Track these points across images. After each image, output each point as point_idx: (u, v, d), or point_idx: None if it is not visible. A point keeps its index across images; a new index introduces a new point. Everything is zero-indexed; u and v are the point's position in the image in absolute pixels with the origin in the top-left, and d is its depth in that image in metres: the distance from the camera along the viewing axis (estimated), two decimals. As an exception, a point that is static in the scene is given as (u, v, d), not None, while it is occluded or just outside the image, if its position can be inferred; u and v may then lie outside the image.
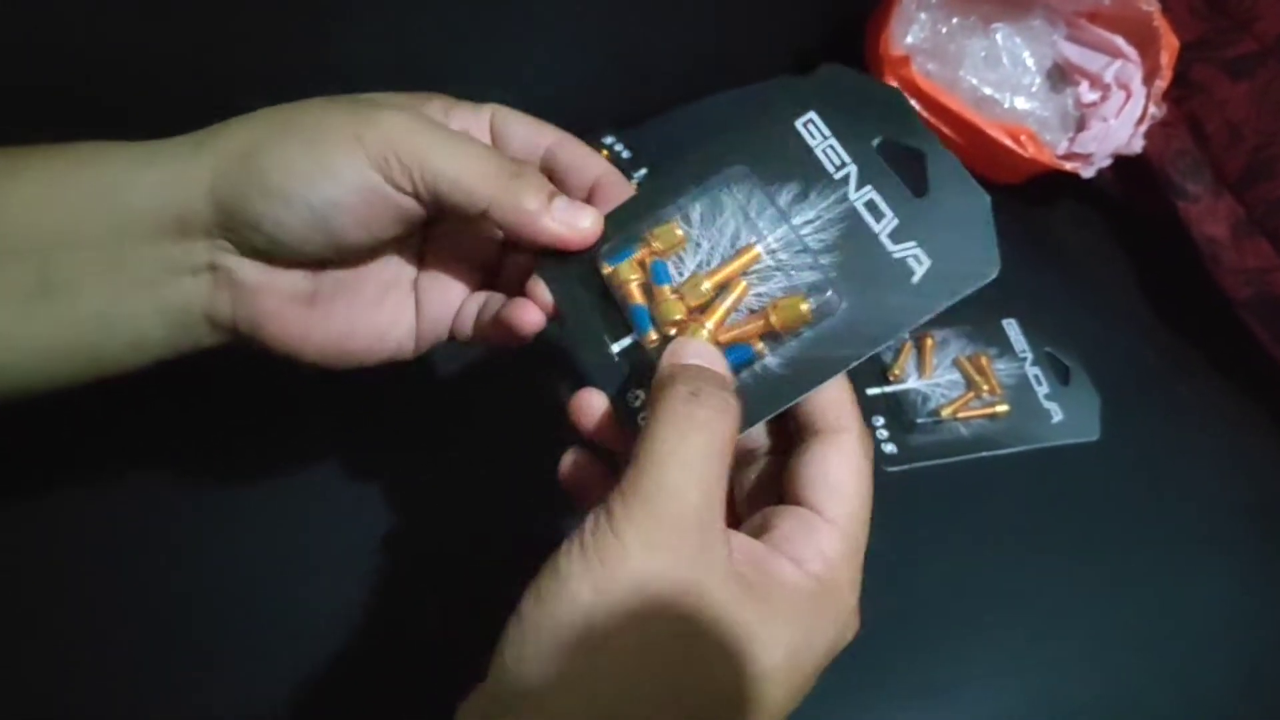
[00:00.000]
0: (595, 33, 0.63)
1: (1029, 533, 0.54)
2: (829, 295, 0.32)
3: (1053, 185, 0.66)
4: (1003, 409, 0.58)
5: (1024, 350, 0.61)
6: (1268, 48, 0.63)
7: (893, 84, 0.59)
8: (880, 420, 0.57)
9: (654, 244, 0.34)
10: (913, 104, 0.32)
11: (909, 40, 0.67)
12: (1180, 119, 0.67)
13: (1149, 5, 0.64)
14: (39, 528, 0.47)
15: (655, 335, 0.33)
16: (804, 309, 0.32)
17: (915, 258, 0.31)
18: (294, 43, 0.52)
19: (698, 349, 0.31)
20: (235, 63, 0.50)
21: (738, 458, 0.34)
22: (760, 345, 0.33)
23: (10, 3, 0.44)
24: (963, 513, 0.54)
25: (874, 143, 0.33)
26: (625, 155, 0.65)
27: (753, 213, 0.34)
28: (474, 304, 0.38)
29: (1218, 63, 0.65)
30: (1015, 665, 0.50)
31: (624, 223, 0.35)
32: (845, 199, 0.32)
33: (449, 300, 0.38)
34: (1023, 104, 0.67)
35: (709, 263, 0.34)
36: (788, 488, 0.32)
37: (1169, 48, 0.65)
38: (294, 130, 0.33)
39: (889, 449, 0.56)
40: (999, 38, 0.69)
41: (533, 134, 0.37)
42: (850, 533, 0.30)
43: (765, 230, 0.33)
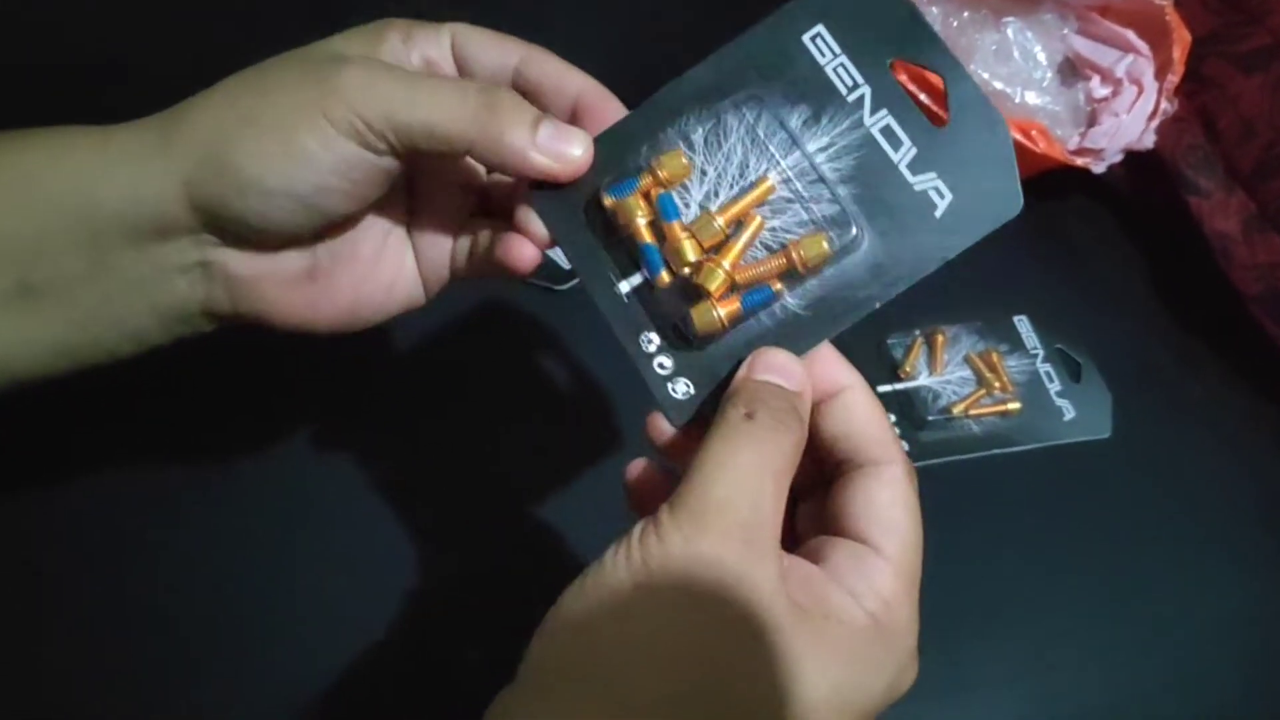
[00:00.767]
0: (599, 32, 0.62)
1: (1039, 531, 0.54)
2: (852, 232, 0.30)
3: (1064, 181, 0.65)
4: (1014, 406, 0.57)
5: (1035, 347, 0.61)
6: (1281, 42, 0.63)
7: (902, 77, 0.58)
8: (891, 418, 0.56)
9: (660, 173, 0.31)
10: (929, 22, 0.31)
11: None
12: (1192, 114, 0.66)
13: (1161, -1, 0.64)
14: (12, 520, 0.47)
15: (667, 276, 0.31)
16: (826, 247, 0.30)
17: (937, 190, 0.30)
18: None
19: (776, 363, 0.30)
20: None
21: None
22: (779, 285, 0.31)
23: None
24: (974, 510, 0.54)
25: (887, 62, 0.30)
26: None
27: (761, 137, 0.31)
28: (467, 239, 0.36)
29: (1230, 57, 0.65)
30: (1025, 664, 0.50)
31: (619, 147, 0.32)
32: (860, 124, 0.30)
33: (444, 239, 0.37)
34: (1034, 99, 0.67)
35: (716, 193, 0.31)
36: (836, 522, 0.31)
37: (1181, 42, 0.64)
38: (258, 118, 0.31)
39: (900, 447, 0.55)
40: (1010, 32, 0.68)
41: (499, 52, 0.34)
42: (905, 570, 0.29)
43: (777, 158, 0.31)
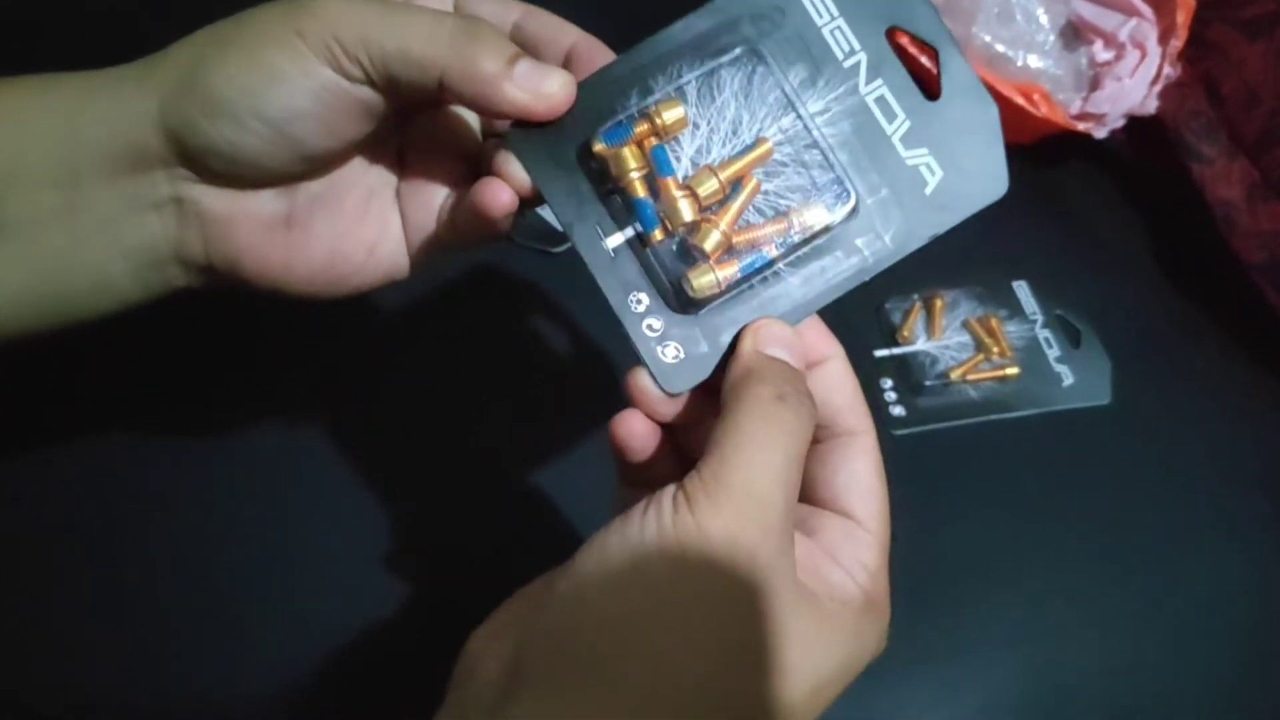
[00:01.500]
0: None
1: (1037, 496, 0.54)
2: (850, 200, 0.30)
3: (1065, 146, 0.65)
4: (1013, 371, 0.57)
5: (1034, 312, 0.60)
6: (1287, 7, 0.62)
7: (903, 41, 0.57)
8: (888, 383, 0.56)
9: (658, 120, 0.30)
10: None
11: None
12: (1196, 79, 0.65)
13: (1166, -38, 0.63)
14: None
15: (660, 234, 0.30)
16: (826, 215, 0.30)
17: (928, 167, 0.30)
18: None
19: (779, 335, 0.30)
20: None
21: None
22: (774, 251, 0.30)
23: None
24: (971, 476, 0.54)
25: (884, 29, 0.30)
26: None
27: (755, 95, 0.30)
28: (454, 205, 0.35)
29: (1235, 23, 0.64)
30: (1020, 630, 0.49)
31: (603, 93, 0.31)
32: (856, 91, 0.30)
33: (432, 203, 0.35)
34: (1036, 62, 0.66)
35: (707, 148, 0.30)
36: (816, 492, 0.31)
37: (1185, 6, 0.63)
38: (232, 41, 0.30)
39: (897, 412, 0.55)
40: (1012, -6, 0.67)
41: (500, 8, 0.34)
42: (883, 541, 0.30)
43: (773, 118, 0.30)
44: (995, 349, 0.57)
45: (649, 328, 0.30)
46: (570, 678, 0.25)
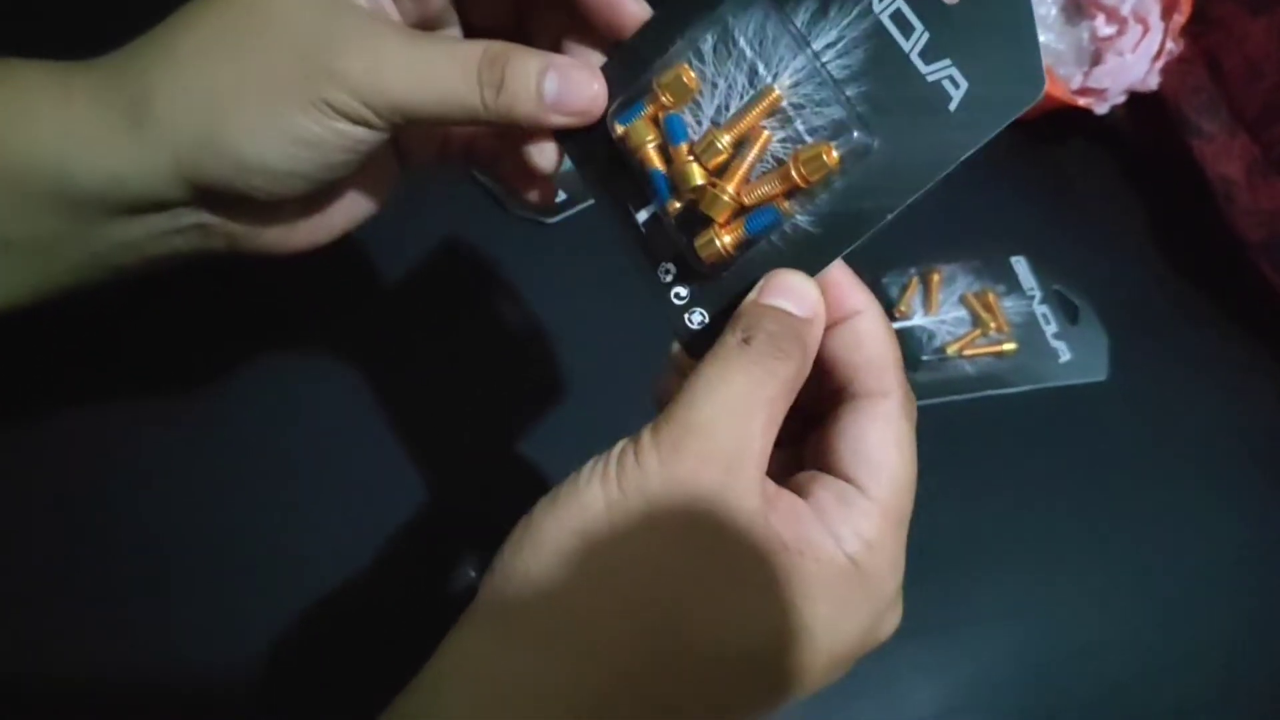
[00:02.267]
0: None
1: (1033, 472, 0.54)
2: (856, 136, 0.28)
3: (1065, 121, 0.64)
4: (1010, 347, 0.57)
5: (1032, 288, 0.60)
6: (1290, -18, 0.61)
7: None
8: (885, 357, 0.56)
9: (663, 97, 0.29)
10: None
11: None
12: (1198, 55, 0.65)
13: (1169, -65, 0.62)
14: None
15: (678, 203, 0.30)
16: (832, 157, 0.28)
17: (951, 79, 0.27)
18: None
19: (788, 285, 0.28)
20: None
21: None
22: (787, 204, 0.29)
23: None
24: (968, 451, 0.54)
25: None
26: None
27: (769, 40, 0.29)
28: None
29: (1238, -2, 0.64)
30: (1017, 604, 0.50)
31: (629, 64, 0.30)
32: (869, 11, 0.28)
33: (430, 144, 0.37)
34: (1037, 37, 0.65)
35: (727, 106, 0.29)
36: (825, 457, 0.29)
37: (1188, -19, 0.63)
38: (247, 95, 0.29)
39: (893, 386, 0.55)
40: (1014, -33, 0.66)
41: None
42: (892, 512, 0.27)
43: (786, 61, 0.29)
44: (992, 324, 0.57)
45: (676, 296, 0.30)
46: (511, 633, 0.25)
